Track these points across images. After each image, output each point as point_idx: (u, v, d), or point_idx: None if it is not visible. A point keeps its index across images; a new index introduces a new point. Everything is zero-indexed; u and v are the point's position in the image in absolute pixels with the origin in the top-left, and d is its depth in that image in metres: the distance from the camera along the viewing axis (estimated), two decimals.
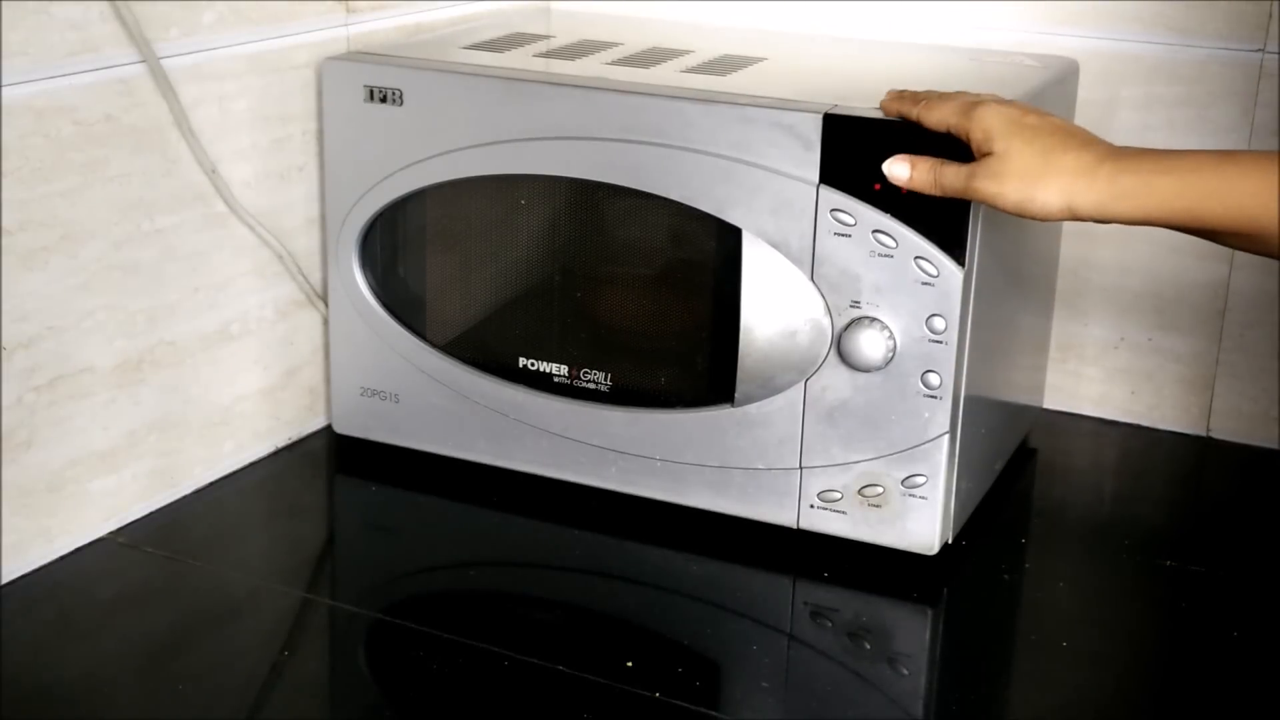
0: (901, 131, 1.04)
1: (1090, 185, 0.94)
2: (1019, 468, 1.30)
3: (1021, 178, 0.96)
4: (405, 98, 1.16)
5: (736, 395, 1.12)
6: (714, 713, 0.95)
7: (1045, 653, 1.04)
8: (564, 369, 1.18)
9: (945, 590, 1.11)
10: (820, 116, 1.05)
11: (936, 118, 1.01)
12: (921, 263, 1.05)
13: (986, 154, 0.97)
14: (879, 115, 1.05)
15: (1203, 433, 1.38)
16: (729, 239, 1.09)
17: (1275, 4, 1.26)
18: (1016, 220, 1.12)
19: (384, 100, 1.17)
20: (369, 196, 1.20)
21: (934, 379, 1.07)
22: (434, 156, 1.16)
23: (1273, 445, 1.35)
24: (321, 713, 0.98)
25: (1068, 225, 1.35)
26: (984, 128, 0.98)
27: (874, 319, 1.07)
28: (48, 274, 1.05)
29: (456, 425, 1.22)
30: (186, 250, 1.16)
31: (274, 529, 1.21)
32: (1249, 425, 1.36)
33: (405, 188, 1.18)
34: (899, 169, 1.02)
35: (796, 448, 1.12)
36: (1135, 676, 1.03)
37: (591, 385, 1.17)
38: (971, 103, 1.00)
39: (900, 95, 1.05)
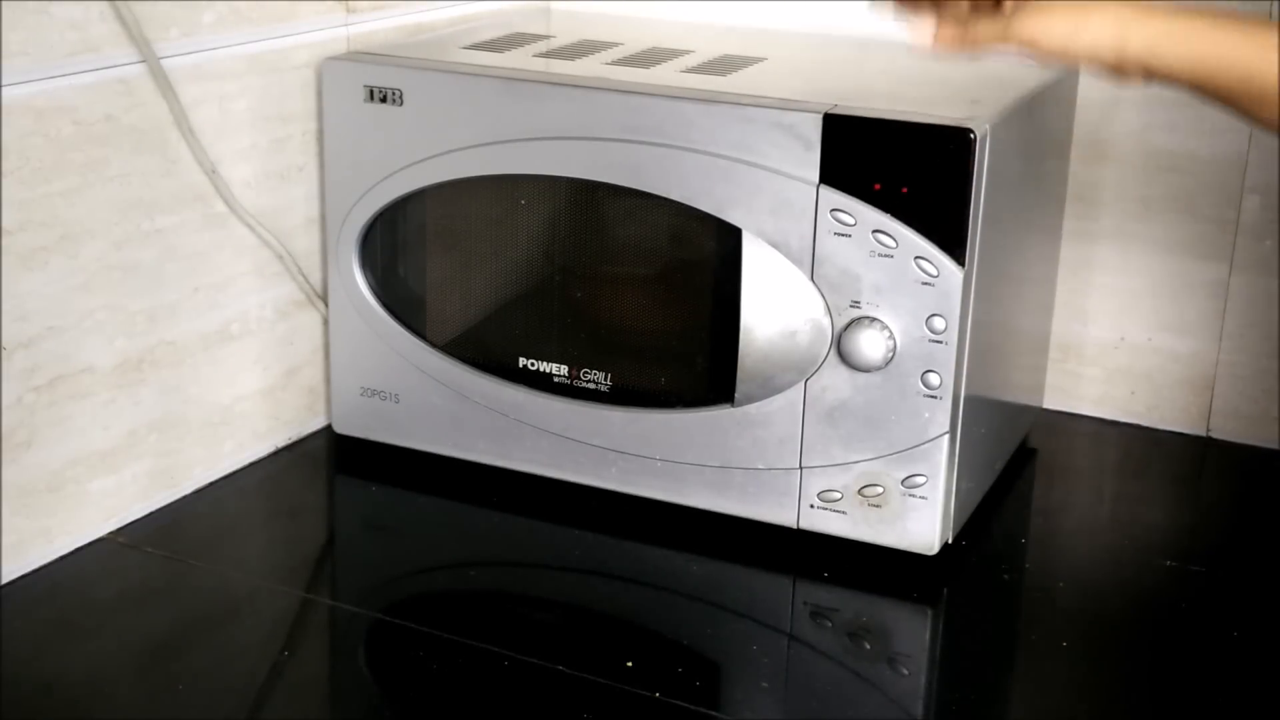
0: (902, 131, 1.04)
1: (1146, 18, 0.88)
2: (1019, 468, 1.30)
3: (1071, 9, 0.89)
4: (405, 98, 1.16)
5: (736, 395, 1.12)
6: (714, 713, 0.95)
7: (1045, 653, 1.04)
8: (564, 369, 1.18)
9: (945, 590, 1.11)
10: (820, 116, 1.05)
11: None
12: (921, 263, 1.05)
13: None
14: (879, 115, 1.05)
15: (1203, 433, 1.38)
16: (729, 239, 1.09)
17: (1275, 4, 1.26)
18: (1017, 220, 1.12)
19: (384, 100, 1.17)
20: (369, 196, 1.20)
21: (934, 379, 1.07)
22: (434, 156, 1.16)
23: (1273, 445, 1.35)
24: (321, 713, 0.98)
25: (1067, 224, 1.35)
26: None
27: (874, 319, 1.07)
28: (48, 274, 1.05)
29: (456, 425, 1.22)
30: (186, 250, 1.16)
31: (274, 529, 1.21)
32: (1249, 425, 1.36)
33: (405, 188, 1.18)
34: (920, 34, 0.95)
35: (796, 448, 1.12)
36: (1135, 676, 1.03)
37: (591, 385, 1.17)
38: None
39: None
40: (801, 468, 1.12)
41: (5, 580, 1.06)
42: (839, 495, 1.11)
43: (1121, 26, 0.89)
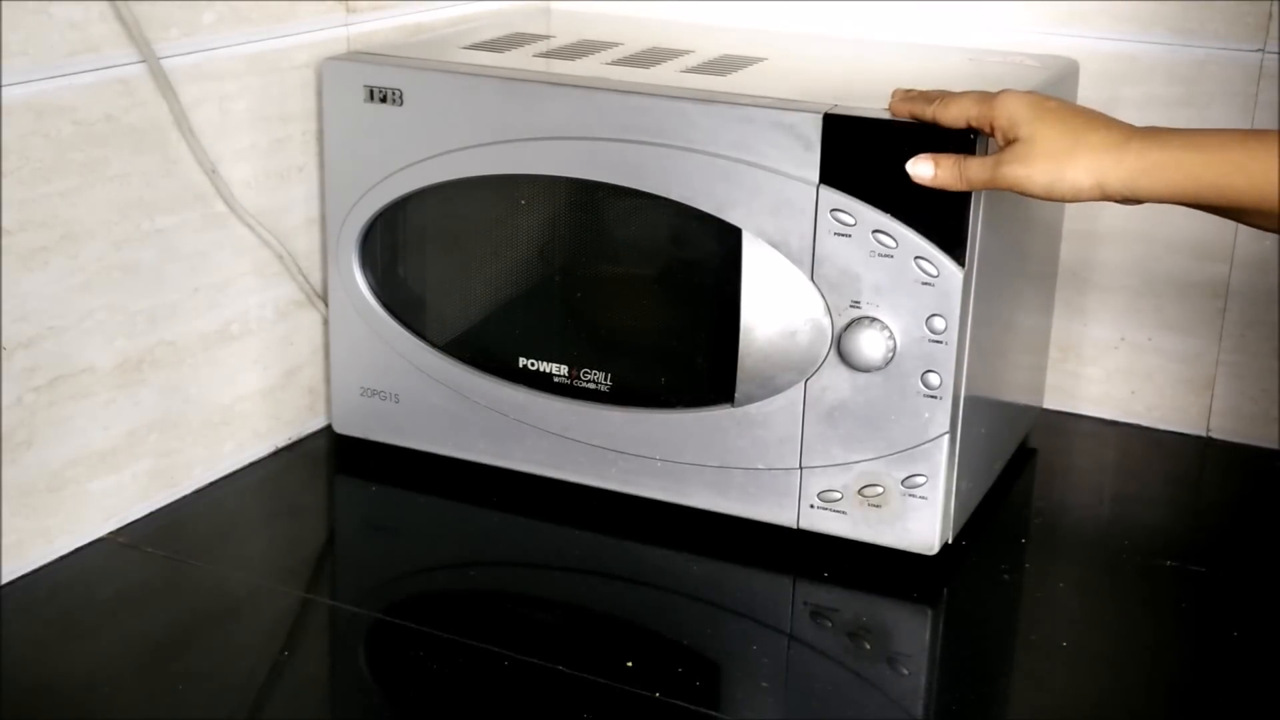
0: (902, 131, 1.04)
1: (1119, 161, 0.94)
2: (1019, 468, 1.30)
3: (1050, 158, 0.96)
4: (405, 98, 1.16)
5: (736, 395, 1.12)
6: (714, 713, 0.95)
7: (1045, 653, 1.04)
8: (564, 369, 1.18)
9: (945, 590, 1.11)
10: (820, 116, 1.05)
11: (954, 113, 1.01)
12: (921, 263, 1.05)
13: (1011, 141, 0.97)
14: (879, 115, 1.05)
15: (1203, 433, 1.38)
16: (729, 239, 1.09)
17: (1275, 4, 1.26)
18: (1017, 220, 1.12)
19: (384, 100, 1.17)
20: (369, 196, 1.20)
21: (934, 379, 1.07)
22: (434, 156, 1.16)
23: (1273, 445, 1.35)
24: (321, 713, 0.98)
25: (1067, 225, 1.35)
26: (1008, 114, 0.98)
27: (874, 319, 1.07)
28: (48, 274, 1.05)
29: (456, 425, 1.22)
30: (186, 250, 1.16)
31: (274, 529, 1.21)
32: (1249, 425, 1.36)
33: (405, 188, 1.18)
34: (923, 168, 1.02)
35: (796, 448, 1.12)
36: (1135, 676, 1.03)
37: (591, 385, 1.17)
38: (988, 94, 1.00)
39: (909, 95, 1.04)
40: (801, 468, 1.12)
41: (5, 580, 1.06)
42: (839, 495, 1.11)
43: (1098, 174, 0.95)
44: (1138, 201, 0.96)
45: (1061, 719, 0.98)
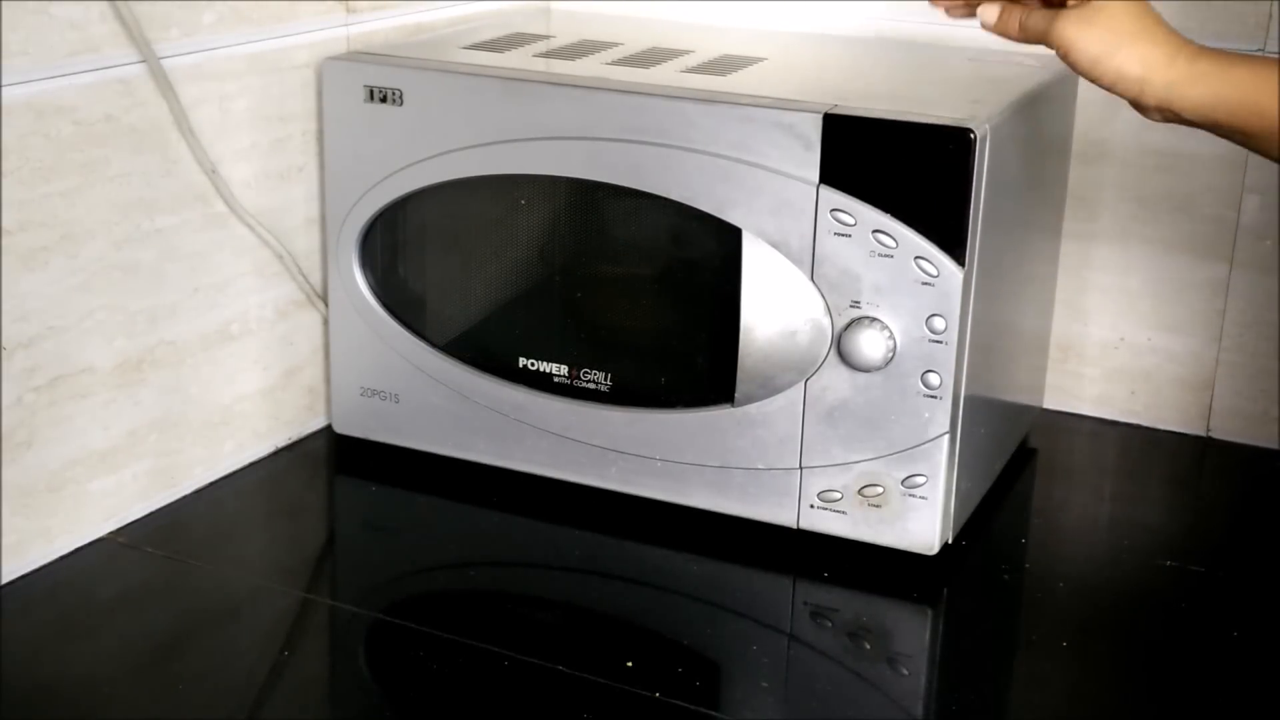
0: (902, 131, 1.04)
1: (1171, 62, 0.94)
2: (1019, 468, 1.30)
3: (1110, 32, 0.95)
4: (405, 98, 1.16)
5: (736, 395, 1.12)
6: (714, 713, 0.95)
7: (1045, 653, 1.04)
8: (564, 369, 1.18)
9: (945, 590, 1.11)
10: (820, 116, 1.05)
11: None
12: (921, 263, 1.05)
13: (1083, 1, 0.97)
14: (879, 115, 1.05)
15: (1203, 433, 1.38)
16: (729, 239, 1.09)
17: (1275, 4, 1.26)
18: (1017, 220, 1.12)
19: (384, 100, 1.17)
20: (369, 196, 1.20)
21: (934, 379, 1.07)
22: (434, 156, 1.16)
23: (1273, 445, 1.35)
24: (321, 713, 0.98)
25: (1067, 225, 1.35)
26: None
27: (874, 319, 1.07)
28: (48, 274, 1.05)
29: (456, 425, 1.22)
30: (186, 250, 1.16)
31: (274, 529, 1.21)
32: (1249, 425, 1.36)
33: (405, 188, 1.18)
34: (988, 12, 1.01)
35: (796, 448, 1.12)
36: (1135, 676, 1.03)
37: (591, 385, 1.17)
38: None
39: None
40: (801, 468, 1.12)
41: (5, 580, 1.06)
42: (839, 495, 1.11)
43: (1146, 67, 0.95)
44: (1166, 115, 0.96)
45: (1061, 719, 0.98)
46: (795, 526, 1.14)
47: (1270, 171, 1.29)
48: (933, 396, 1.07)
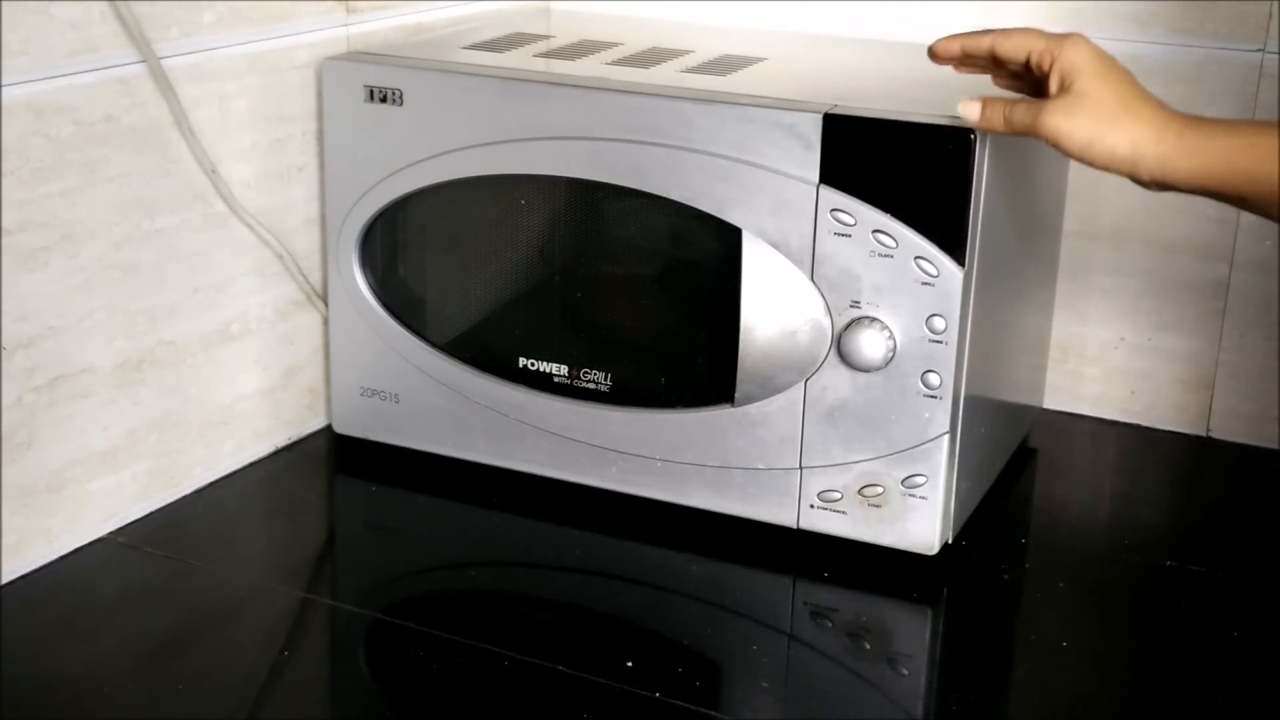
0: (902, 131, 1.04)
1: (1160, 139, 0.94)
2: (1019, 468, 1.30)
3: (1096, 118, 0.96)
4: (405, 98, 1.16)
5: (736, 395, 1.12)
6: (714, 713, 0.95)
7: (1045, 653, 1.04)
8: (564, 369, 1.18)
9: (945, 590, 1.11)
10: (820, 116, 1.05)
11: (1016, 42, 1.00)
12: (921, 263, 1.05)
13: (1064, 90, 0.97)
14: (879, 115, 1.05)
15: (1203, 433, 1.38)
16: (729, 239, 1.09)
17: (1275, 4, 1.26)
18: (1017, 220, 1.12)
19: (384, 100, 1.17)
20: (369, 196, 1.20)
21: (934, 379, 1.07)
22: (434, 156, 1.16)
23: (1273, 445, 1.35)
24: (321, 713, 0.98)
25: (1067, 225, 1.35)
26: (1073, 60, 0.97)
27: (874, 319, 1.07)
28: (48, 274, 1.05)
29: (456, 425, 1.22)
30: (186, 250, 1.16)
31: (274, 529, 1.21)
32: (1249, 425, 1.36)
33: (405, 188, 1.18)
34: (970, 109, 1.01)
35: (796, 448, 1.12)
36: (1135, 676, 1.03)
37: (591, 385, 1.17)
38: (1055, 33, 0.99)
39: (959, 34, 1.04)
40: (801, 468, 1.12)
41: (5, 580, 1.06)
42: (839, 495, 1.11)
43: (1135, 146, 0.95)
44: (1163, 186, 0.96)
45: (1061, 719, 0.98)
46: (795, 526, 1.14)
47: None
48: (933, 396, 1.07)
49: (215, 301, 1.19)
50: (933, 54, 1.05)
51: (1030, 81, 1.02)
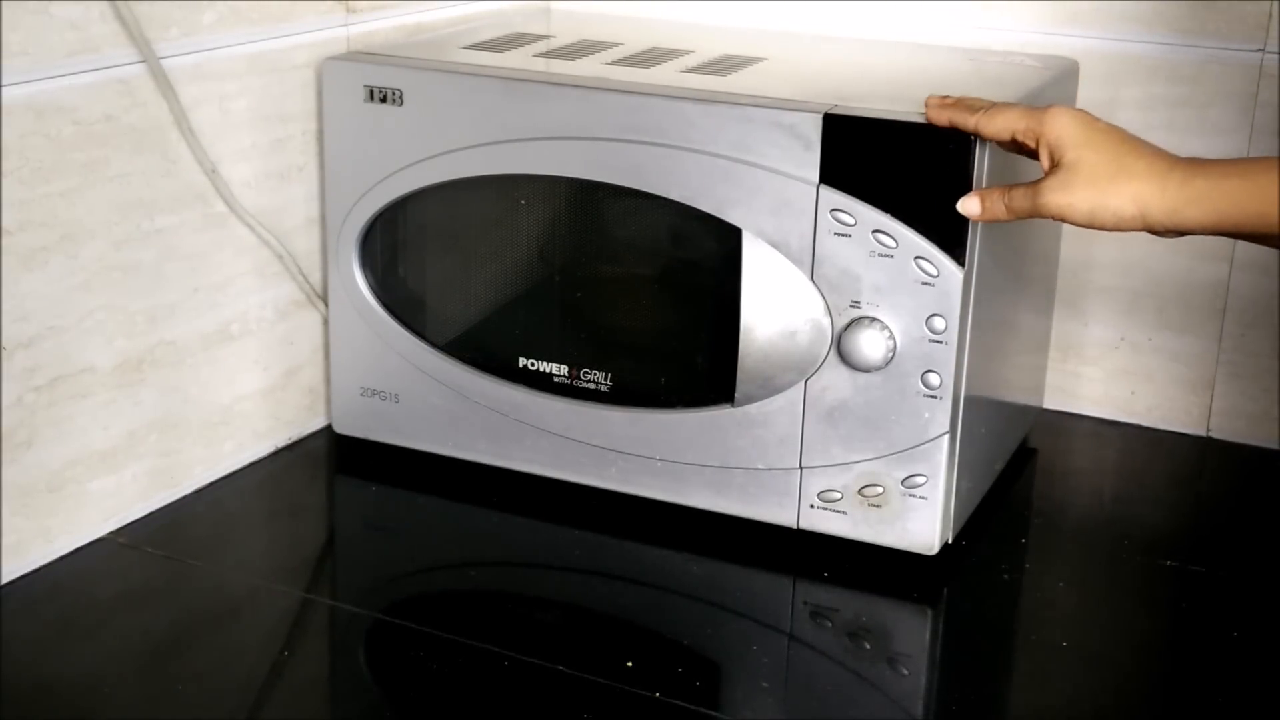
0: (902, 131, 1.04)
1: (1163, 190, 0.93)
2: (1019, 468, 1.30)
3: (1093, 186, 0.95)
4: (405, 98, 1.16)
5: (736, 395, 1.12)
6: (714, 713, 0.95)
7: (1045, 653, 1.04)
8: (564, 369, 1.18)
9: (945, 590, 1.11)
10: (820, 116, 1.05)
11: (1000, 124, 1.00)
12: (921, 263, 1.05)
13: (1055, 165, 0.97)
14: (879, 115, 1.05)
15: (1203, 433, 1.38)
16: (729, 239, 1.09)
17: (1275, 4, 1.26)
18: (1017, 220, 1.12)
19: (384, 100, 1.17)
20: (369, 196, 1.20)
21: (934, 379, 1.07)
22: (434, 156, 1.16)
23: (1273, 445, 1.35)
24: (321, 713, 0.98)
25: (1067, 225, 1.35)
26: (1057, 134, 0.97)
27: (874, 319, 1.07)
28: (48, 274, 1.05)
29: (456, 425, 1.22)
30: (186, 250, 1.16)
31: (274, 529, 1.21)
32: (1249, 425, 1.36)
33: (405, 188, 1.18)
34: (970, 205, 1.01)
35: (796, 448, 1.12)
36: (1135, 676, 1.03)
37: (591, 385, 1.17)
38: (1036, 109, 0.99)
39: (947, 103, 1.03)
40: (801, 468, 1.12)
41: (5, 580, 1.06)
42: (839, 495, 1.11)
43: (1140, 203, 0.94)
44: (1179, 233, 0.95)
45: (1061, 719, 0.98)
46: (795, 526, 1.14)
47: None
48: (933, 396, 1.07)
49: (215, 301, 1.19)
50: (927, 120, 1.04)
51: (1015, 148, 1.02)
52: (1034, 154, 1.00)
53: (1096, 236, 1.36)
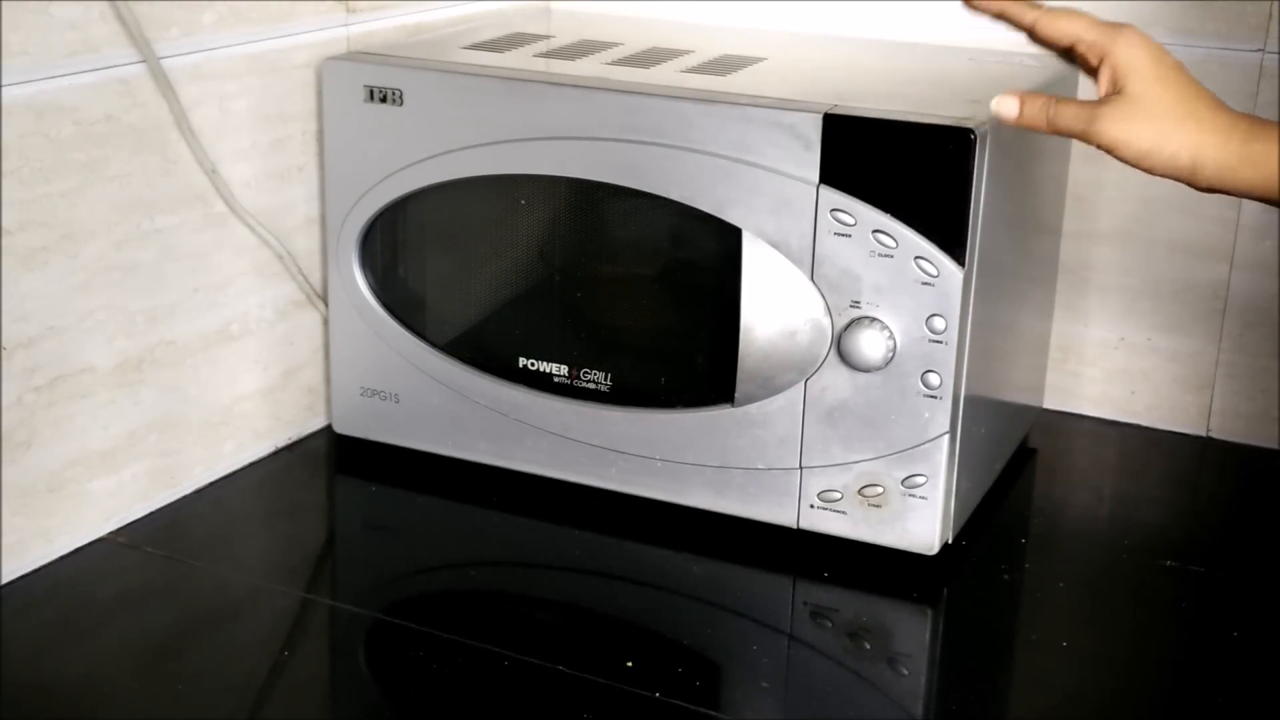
0: (902, 131, 1.04)
1: (1225, 146, 0.88)
2: (1019, 468, 1.30)
3: (1155, 125, 0.89)
4: (405, 98, 1.16)
5: (736, 395, 1.12)
6: (714, 713, 0.95)
7: (1045, 653, 1.04)
8: (564, 369, 1.18)
9: (945, 590, 1.11)
10: (820, 116, 1.05)
11: (1063, 28, 0.92)
12: (921, 263, 1.05)
13: (1117, 91, 0.90)
14: (879, 115, 1.05)
15: (1203, 433, 1.38)
16: (729, 239, 1.09)
17: (1275, 4, 1.26)
18: (1017, 220, 1.12)
19: (384, 100, 1.17)
20: (369, 196, 1.20)
21: (934, 379, 1.07)
22: (434, 156, 1.16)
23: (1273, 445, 1.35)
24: (321, 713, 0.98)
25: (1067, 225, 1.35)
26: (1128, 59, 0.89)
27: (874, 319, 1.07)
28: (48, 274, 1.05)
29: (456, 425, 1.22)
30: (186, 250, 1.16)
31: (274, 529, 1.21)
32: (1249, 425, 1.36)
33: (405, 188, 1.18)
34: (1008, 105, 0.94)
35: (796, 448, 1.12)
36: (1135, 676, 1.03)
37: (591, 385, 1.17)
38: (1111, 23, 0.91)
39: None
40: (801, 468, 1.12)
41: (5, 580, 1.06)
42: (839, 495, 1.11)
43: (1197, 152, 0.88)
44: (1221, 191, 0.90)
45: (1061, 719, 0.98)
46: (795, 526, 1.14)
47: None
48: (933, 396, 1.07)
49: (215, 301, 1.19)
50: (967, 2, 0.97)
51: (1067, 56, 0.95)
52: (1091, 70, 0.93)
53: (1096, 236, 1.36)
